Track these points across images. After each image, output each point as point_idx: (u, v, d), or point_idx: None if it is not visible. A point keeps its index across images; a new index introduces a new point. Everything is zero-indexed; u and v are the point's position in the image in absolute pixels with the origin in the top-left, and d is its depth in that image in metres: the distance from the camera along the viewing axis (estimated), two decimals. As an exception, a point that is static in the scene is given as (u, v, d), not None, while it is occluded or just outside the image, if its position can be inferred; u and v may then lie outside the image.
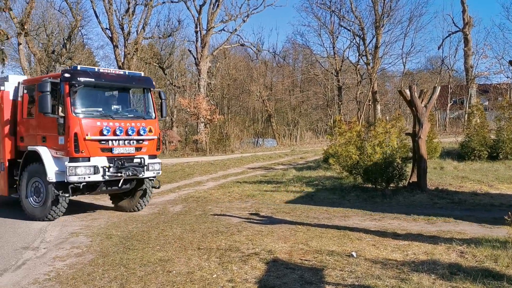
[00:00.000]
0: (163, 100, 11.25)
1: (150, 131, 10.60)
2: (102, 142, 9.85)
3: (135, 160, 10.41)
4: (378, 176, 12.37)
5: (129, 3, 32.69)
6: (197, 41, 34.44)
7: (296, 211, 10.53)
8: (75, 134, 9.50)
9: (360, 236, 8.01)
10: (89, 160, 9.71)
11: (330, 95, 44.03)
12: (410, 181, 12.87)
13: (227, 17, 34.73)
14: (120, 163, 10.09)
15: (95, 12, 33.15)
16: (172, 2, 35.10)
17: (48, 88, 9.45)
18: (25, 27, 31.39)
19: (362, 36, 37.15)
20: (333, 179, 15.14)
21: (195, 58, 35.02)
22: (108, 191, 10.89)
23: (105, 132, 9.77)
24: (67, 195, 9.80)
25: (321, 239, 7.83)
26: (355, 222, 9.31)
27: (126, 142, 10.20)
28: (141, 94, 11.16)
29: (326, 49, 42.99)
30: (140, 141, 10.47)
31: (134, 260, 6.88)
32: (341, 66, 41.24)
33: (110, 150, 10.00)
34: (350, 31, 38.54)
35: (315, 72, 43.77)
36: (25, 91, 10.78)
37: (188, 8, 34.35)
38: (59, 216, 10.13)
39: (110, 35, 32.46)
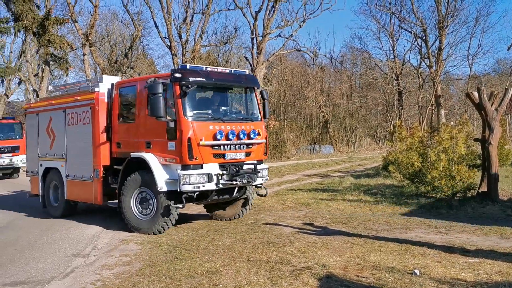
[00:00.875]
0: (265, 100, 10.44)
1: (258, 134, 9.79)
2: (215, 147, 9.09)
3: (247, 166, 9.63)
4: (443, 185, 11.45)
5: (186, 12, 33.20)
6: (253, 47, 34.33)
7: (353, 222, 9.93)
8: (189, 139, 8.72)
9: (423, 251, 7.32)
10: (202, 167, 8.93)
11: (390, 100, 42.52)
12: (479, 191, 11.85)
13: (283, 22, 34.34)
14: (235, 170, 9.31)
15: (154, 22, 33.95)
16: (228, 9, 35.32)
17: (161, 90, 8.63)
18: (89, 38, 32.72)
19: (424, 38, 35.48)
20: (393, 188, 14.34)
21: (251, 65, 34.93)
22: (219, 200, 9.97)
23: (218, 137, 9.01)
24: (180, 206, 9.00)
25: (380, 253, 7.23)
26: (418, 235, 8.59)
27: (237, 147, 9.42)
28: (241, 93, 10.35)
29: (386, 53, 41.61)
30: (250, 145, 9.67)
31: (181, 271, 6.63)
32: (402, 69, 39.71)
33: (223, 156, 9.21)
34: (411, 33, 36.97)
35: (374, 76, 42.45)
36: (120, 93, 10.15)
37: (244, 15, 34.29)
38: (168, 228, 9.32)
39: (169, 44, 33.04)
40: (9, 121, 24.15)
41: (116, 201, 9.95)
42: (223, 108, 9.94)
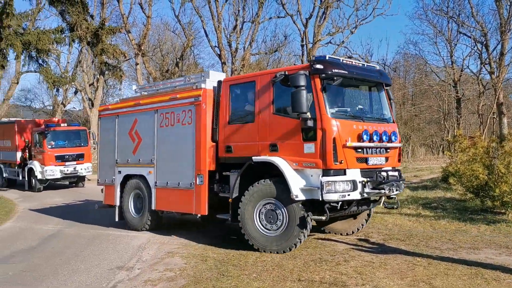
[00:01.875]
0: (392, 100, 9.32)
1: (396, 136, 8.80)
2: (358, 150, 7.97)
3: (390, 173, 8.53)
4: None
5: (236, 20, 33.31)
6: (303, 55, 33.90)
7: (412, 239, 9.14)
8: (334, 140, 7.60)
9: (497, 275, 6.50)
10: (344, 173, 7.78)
11: (446, 108, 40.63)
12: (555, 207, 10.72)
13: (334, 29, 33.74)
14: (382, 177, 8.27)
15: (205, 31, 34.22)
16: (278, 17, 35.19)
17: (304, 82, 7.55)
18: (142, 48, 33.44)
19: (484, 42, 33.64)
20: (455, 202, 13.32)
21: (301, 73, 34.39)
22: (358, 211, 8.84)
23: (364, 137, 7.93)
24: (323, 218, 7.82)
25: (447, 277, 6.48)
26: (488, 257, 7.71)
27: (377, 150, 8.32)
28: (367, 90, 9.20)
29: (443, 58, 39.91)
30: (388, 150, 8.59)
31: (226, 290, 6.18)
32: (460, 76, 37.85)
33: (365, 160, 8.11)
34: (470, 37, 35.21)
35: (430, 83, 40.73)
36: (230, 91, 9.09)
37: (294, 22, 33.96)
38: (301, 243, 8.23)
39: (219, 53, 33.21)
40: (75, 128, 23.02)
41: (214, 212, 9.21)
42: (359, 106, 8.92)
